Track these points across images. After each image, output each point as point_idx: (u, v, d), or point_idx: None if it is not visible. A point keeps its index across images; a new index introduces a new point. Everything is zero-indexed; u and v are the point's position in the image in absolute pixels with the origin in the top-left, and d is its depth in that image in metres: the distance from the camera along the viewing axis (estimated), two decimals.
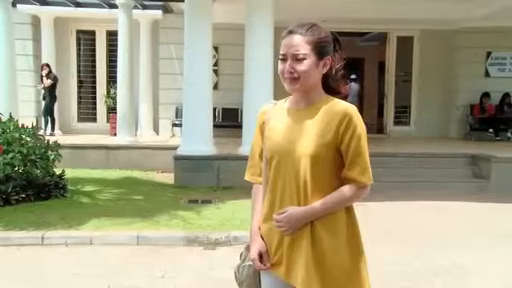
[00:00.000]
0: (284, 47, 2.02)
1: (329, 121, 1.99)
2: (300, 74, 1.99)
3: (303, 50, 1.98)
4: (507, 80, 12.88)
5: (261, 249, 2.10)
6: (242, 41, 11.74)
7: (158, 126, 13.06)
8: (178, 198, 7.74)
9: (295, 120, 2.06)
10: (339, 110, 1.99)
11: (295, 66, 1.99)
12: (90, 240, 5.55)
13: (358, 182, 1.98)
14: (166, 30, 12.86)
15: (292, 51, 1.99)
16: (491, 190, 8.55)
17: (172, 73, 12.76)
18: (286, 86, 2.05)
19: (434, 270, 4.81)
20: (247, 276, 2.18)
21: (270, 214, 2.09)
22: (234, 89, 12.15)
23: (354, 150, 1.97)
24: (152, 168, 10.29)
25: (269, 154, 2.10)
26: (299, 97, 2.08)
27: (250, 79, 9.01)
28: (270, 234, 2.09)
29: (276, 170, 2.06)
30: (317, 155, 1.97)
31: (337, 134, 1.97)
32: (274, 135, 2.09)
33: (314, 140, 1.98)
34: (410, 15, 11.88)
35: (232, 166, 8.83)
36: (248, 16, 9.02)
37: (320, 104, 2.04)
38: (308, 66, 1.98)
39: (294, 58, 1.99)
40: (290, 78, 2.01)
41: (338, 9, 11.32)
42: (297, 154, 2.00)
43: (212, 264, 4.99)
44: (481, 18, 11.88)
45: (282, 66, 2.03)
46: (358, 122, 1.98)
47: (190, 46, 8.86)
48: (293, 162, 2.01)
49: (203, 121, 8.88)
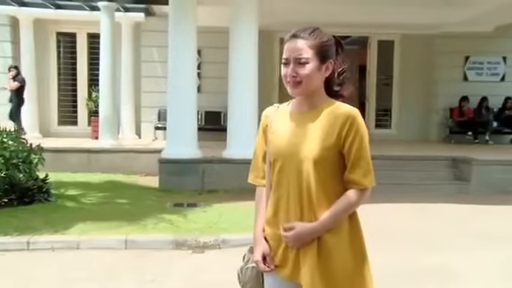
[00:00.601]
0: (287, 51, 2.04)
1: (331, 124, 2.01)
2: (302, 77, 2.00)
3: (306, 54, 2.00)
4: (484, 84, 13.14)
5: (264, 251, 2.12)
6: (225, 44, 11.76)
7: (140, 129, 12.98)
8: (163, 202, 7.71)
9: (298, 123, 2.08)
10: (342, 112, 2.02)
11: (298, 70, 2.00)
12: (76, 244, 5.50)
13: (360, 184, 2.01)
14: (149, 32, 12.79)
15: (295, 55, 2.01)
16: (472, 191, 8.71)
17: (154, 76, 12.69)
18: (288, 89, 2.06)
19: (420, 271, 4.88)
20: (250, 277, 2.19)
21: (274, 216, 2.11)
22: (216, 92, 12.18)
23: (356, 152, 1.99)
24: (135, 171, 10.23)
25: (272, 157, 2.11)
26: (302, 100, 2.10)
27: (235, 82, 9.02)
28: (274, 236, 2.11)
29: (280, 173, 2.08)
30: (320, 158, 1.99)
31: (339, 136, 1.99)
32: (278, 138, 2.11)
33: (317, 143, 2.00)
34: (390, 20, 12.04)
35: (217, 169, 8.86)
36: (232, 19, 9.04)
37: (322, 107, 2.06)
38: (310, 69, 2.00)
39: (296, 61, 2.01)
40: (292, 81, 2.02)
41: (320, 13, 11.39)
42: (300, 157, 2.01)
43: (202, 267, 5.00)
44: (459, 24, 12.11)
45: (284, 69, 2.05)
46: (360, 125, 2.01)
47: (175, 48, 8.84)
48: (296, 165, 2.02)
49: (188, 124, 8.86)
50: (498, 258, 5.40)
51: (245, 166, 8.72)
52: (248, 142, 8.89)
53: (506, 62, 13.35)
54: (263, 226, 2.18)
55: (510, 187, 8.77)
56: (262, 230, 2.18)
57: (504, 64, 13.35)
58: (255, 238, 2.18)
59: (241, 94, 8.96)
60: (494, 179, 8.85)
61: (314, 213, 2.01)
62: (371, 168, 2.03)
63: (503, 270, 5.06)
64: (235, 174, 8.72)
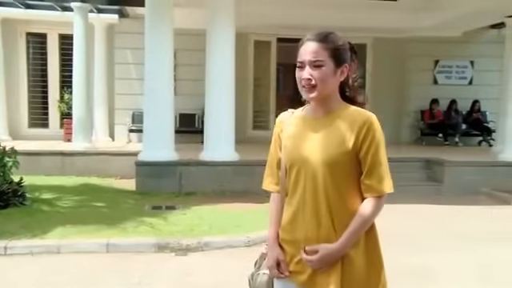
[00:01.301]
0: (301, 55, 2.02)
1: (348, 128, 1.99)
2: (317, 81, 1.98)
3: (321, 57, 1.98)
4: (453, 87, 13.48)
5: (279, 257, 2.11)
6: (200, 46, 11.75)
7: (113, 131, 12.83)
8: (140, 205, 7.65)
9: (314, 128, 2.06)
10: (359, 117, 2.00)
11: (313, 73, 1.98)
12: (57, 249, 5.42)
13: (376, 190, 1.99)
14: (122, 34, 12.67)
15: (310, 58, 1.99)
16: (445, 192, 8.93)
17: (128, 78, 12.58)
18: (303, 93, 2.05)
19: (400, 272, 4.96)
20: (260, 284, 2.18)
21: (291, 223, 2.09)
22: (191, 94, 12.16)
23: (373, 157, 1.98)
24: (110, 174, 10.11)
25: (288, 163, 2.09)
26: (317, 105, 2.08)
27: (212, 85, 9.02)
28: (290, 242, 2.10)
29: (296, 179, 2.07)
30: (337, 163, 1.98)
31: (356, 141, 1.98)
32: (293, 144, 2.09)
33: (333, 148, 1.99)
34: (362, 23, 12.22)
35: (194, 172, 8.85)
36: (210, 22, 9.04)
37: (339, 112, 2.05)
38: (326, 73, 1.98)
39: (311, 65, 1.99)
40: (307, 85, 2.00)
41: (294, 16, 11.52)
42: (317, 162, 2.00)
43: (187, 270, 4.99)
44: (429, 28, 12.38)
45: (299, 73, 2.02)
46: (377, 130, 1.99)
47: (151, 50, 8.78)
48: (313, 170, 2.01)
49: (164, 126, 8.81)
50: (474, 257, 5.56)
51: (222, 168, 8.85)
52: (225, 145, 8.97)
53: (473, 66, 13.74)
54: (278, 232, 2.16)
55: (481, 188, 9.02)
56: (276, 236, 2.15)
57: (471, 68, 13.73)
58: (269, 245, 2.17)
59: (218, 97, 8.97)
60: (465, 180, 9.10)
61: (331, 219, 2.00)
62: (388, 173, 2.01)
63: (480, 269, 5.20)
64: (213, 177, 8.78)
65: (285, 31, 13.03)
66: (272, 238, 2.16)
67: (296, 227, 2.07)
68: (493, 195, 8.83)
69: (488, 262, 5.41)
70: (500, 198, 8.66)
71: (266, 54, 13.54)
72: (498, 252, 5.76)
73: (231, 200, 8.07)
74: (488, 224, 7.16)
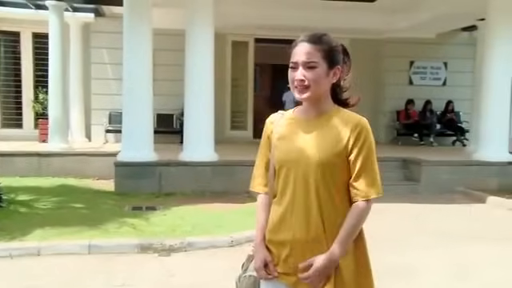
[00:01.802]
0: (295, 55, 2.02)
1: (339, 131, 2.01)
2: (310, 81, 1.98)
3: (315, 58, 1.99)
4: (428, 88, 13.74)
5: (266, 258, 2.10)
6: (177, 46, 11.71)
7: (89, 132, 12.68)
8: (120, 206, 7.58)
9: (306, 129, 2.07)
10: (350, 120, 2.02)
11: (306, 74, 1.98)
12: (37, 251, 5.33)
13: (365, 194, 2.00)
14: (98, 34, 12.55)
15: (303, 59, 1.99)
16: (422, 191, 9.09)
17: (105, 78, 12.46)
18: (295, 93, 2.04)
19: (383, 270, 5.03)
20: (247, 286, 2.18)
21: (279, 223, 2.09)
22: (168, 94, 12.11)
23: (363, 161, 1.99)
24: (87, 175, 9.99)
25: (278, 164, 2.09)
26: (309, 106, 2.08)
27: (191, 85, 9.00)
28: (279, 243, 2.09)
29: (286, 179, 2.06)
30: (328, 164, 1.99)
31: (348, 144, 1.99)
32: (284, 145, 2.09)
33: (326, 149, 2.00)
34: (340, 24, 12.32)
35: (173, 172, 8.82)
36: (188, 22, 9.02)
37: (331, 114, 2.06)
38: (319, 74, 1.99)
39: (305, 65, 1.99)
40: (300, 85, 2.00)
41: (271, 17, 11.58)
42: (308, 163, 2.00)
43: (171, 271, 4.96)
44: (404, 30, 12.60)
45: (292, 73, 2.02)
46: (368, 134, 2.02)
47: (130, 50, 8.71)
48: (304, 171, 2.01)
49: (143, 126, 8.75)
50: (453, 255, 5.68)
51: (202, 169, 8.84)
52: (205, 145, 8.96)
53: (446, 68, 14.01)
54: (265, 233, 2.15)
55: (456, 187, 9.20)
56: (263, 237, 2.15)
57: (445, 69, 14.00)
58: (256, 246, 2.16)
59: (197, 97, 8.96)
60: (441, 179, 9.27)
61: (322, 220, 2.01)
62: (378, 178, 2.03)
63: (459, 267, 5.31)
64: (193, 177, 8.76)
65: (262, 31, 13.10)
66: (259, 240, 2.15)
67: (284, 228, 2.07)
68: (468, 194, 9.01)
69: (466, 260, 5.52)
70: (475, 196, 8.85)
71: (244, 54, 13.57)
72: (475, 249, 5.90)
73: (211, 200, 8.06)
74: (465, 222, 7.31)
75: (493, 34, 9.68)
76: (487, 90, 9.72)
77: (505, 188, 9.24)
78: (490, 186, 9.26)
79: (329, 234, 2.00)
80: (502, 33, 9.56)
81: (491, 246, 6.00)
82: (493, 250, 5.86)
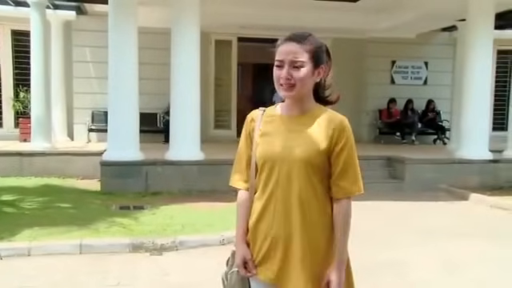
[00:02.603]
0: (281, 54, 2.05)
1: (323, 129, 2.05)
2: (297, 80, 2.02)
3: (301, 58, 2.02)
4: (409, 87, 13.92)
5: (246, 256, 2.14)
6: (161, 45, 11.69)
7: (72, 131, 12.52)
8: (107, 205, 7.53)
9: (289, 127, 2.10)
10: (332, 120, 2.07)
11: (293, 73, 2.02)
12: (27, 251, 5.27)
13: (349, 191, 2.06)
14: (80, 32, 12.39)
15: (290, 58, 2.03)
16: (406, 189, 9.22)
17: (87, 77, 12.33)
18: (281, 91, 2.08)
19: (372, 268, 5.11)
20: (236, 282, 2.20)
21: (259, 219, 2.12)
22: (152, 93, 12.05)
23: (346, 159, 2.04)
24: (71, 175, 9.90)
25: (261, 160, 2.11)
26: (292, 104, 2.11)
27: (177, 84, 8.99)
28: (259, 238, 2.12)
29: (268, 176, 2.09)
30: (312, 161, 2.03)
31: (330, 143, 2.04)
32: (267, 141, 2.11)
33: (310, 147, 2.03)
34: (323, 24, 12.41)
35: (160, 172, 8.78)
36: (174, 21, 9.00)
37: (313, 112, 2.10)
38: (305, 73, 2.03)
39: (291, 64, 2.02)
40: (286, 84, 2.03)
41: (255, 16, 11.62)
42: (292, 160, 2.04)
43: (165, 270, 4.96)
44: (386, 30, 12.74)
45: (278, 72, 2.06)
46: (349, 134, 2.07)
47: (115, 49, 8.64)
48: (287, 167, 2.04)
49: (129, 125, 8.70)
50: (442, 251, 5.78)
51: (189, 168, 8.86)
52: (191, 144, 8.95)
53: (427, 67, 14.21)
54: (246, 229, 2.18)
55: (440, 184, 9.37)
56: (243, 234, 2.18)
57: (426, 69, 14.20)
58: (236, 244, 2.19)
59: (183, 96, 8.95)
60: (425, 177, 9.43)
61: (303, 216, 2.04)
62: (359, 175, 2.10)
63: (447, 262, 5.42)
64: (179, 176, 8.75)
65: (245, 31, 13.11)
66: (239, 237, 2.18)
67: (264, 223, 2.11)
68: (451, 191, 9.18)
69: (454, 256, 5.63)
70: (457, 193, 9.02)
71: (227, 53, 13.56)
72: (462, 246, 6.02)
73: (198, 199, 8.05)
74: (450, 219, 7.44)
75: (473, 35, 9.86)
76: (468, 90, 9.89)
77: (485, 185, 9.45)
78: (472, 183, 9.46)
79: (308, 231, 2.05)
80: (482, 33, 9.75)
81: (477, 243, 6.13)
82: (479, 247, 5.99)
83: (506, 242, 6.25)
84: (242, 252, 2.15)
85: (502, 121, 14.25)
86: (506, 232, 6.83)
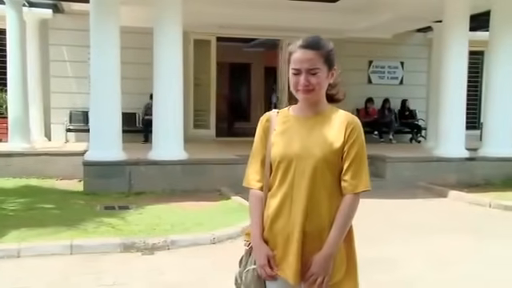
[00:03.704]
0: (298, 62, 2.12)
1: (336, 129, 2.15)
2: (315, 86, 2.12)
3: (317, 65, 2.11)
4: (386, 86, 14.16)
5: (268, 254, 2.16)
6: (141, 44, 11.63)
7: (49, 131, 12.32)
8: (91, 205, 7.45)
9: (305, 127, 2.18)
10: (345, 119, 2.17)
11: (310, 79, 2.11)
12: (17, 253, 5.19)
13: (358, 188, 2.14)
14: (57, 30, 12.21)
15: (307, 66, 2.11)
16: (388, 187, 9.35)
17: (64, 76, 12.16)
18: (299, 96, 2.17)
19: (361, 264, 5.19)
20: (252, 280, 2.22)
21: (277, 216, 2.16)
22: (131, 93, 11.89)
23: (354, 157, 2.13)
24: (50, 175, 9.75)
25: (277, 159, 2.17)
26: (307, 106, 2.20)
27: (159, 84, 8.94)
28: (278, 236, 2.17)
29: (284, 174, 2.15)
30: (327, 160, 2.11)
31: (343, 141, 2.13)
32: (283, 141, 2.18)
33: (326, 146, 2.12)
34: (302, 24, 12.50)
35: (143, 171, 8.73)
36: (157, 20, 8.95)
37: (326, 113, 2.20)
38: (322, 78, 2.13)
39: (309, 72, 2.11)
40: (305, 90, 2.12)
41: (234, 16, 11.66)
42: (308, 158, 2.11)
43: (159, 269, 4.96)
44: (363, 30, 12.94)
45: (295, 79, 2.14)
46: (360, 132, 2.17)
47: (97, 47, 8.56)
48: (303, 166, 2.11)
49: (112, 125, 8.61)
50: (427, 247, 5.93)
51: (172, 168, 8.84)
52: (174, 144, 8.93)
53: (403, 67, 14.48)
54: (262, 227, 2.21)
55: (419, 182, 9.57)
56: (261, 234, 2.20)
57: (402, 69, 14.47)
58: (255, 243, 2.20)
59: (166, 96, 8.90)
60: (405, 175, 9.62)
61: (319, 213, 2.12)
62: (367, 173, 2.19)
63: (436, 258, 5.55)
64: (162, 176, 8.72)
65: (224, 30, 13.13)
66: (258, 236, 2.20)
67: (280, 221, 2.15)
68: (430, 188, 9.38)
69: (439, 251, 5.79)
70: (437, 191, 9.23)
71: (206, 53, 13.55)
72: (445, 241, 6.18)
73: (183, 199, 8.03)
74: (431, 216, 7.63)
75: (449, 36, 10.10)
76: (445, 90, 10.13)
77: (462, 182, 9.68)
78: (449, 180, 9.68)
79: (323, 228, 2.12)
80: (458, 34, 9.99)
81: (460, 238, 6.30)
82: (462, 242, 6.15)
83: (487, 236, 6.43)
84: (264, 250, 2.17)
85: (473, 120, 14.63)
86: (485, 227, 7.02)
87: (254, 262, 2.22)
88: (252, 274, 2.22)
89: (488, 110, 10.59)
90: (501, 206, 8.15)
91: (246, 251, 2.29)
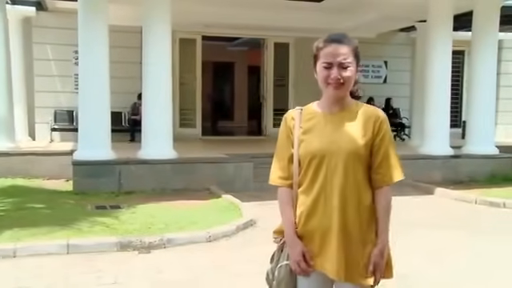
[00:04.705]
0: (330, 56, 2.17)
1: (364, 123, 2.19)
2: (346, 80, 2.16)
3: (349, 59, 2.17)
4: (370, 85, 14.29)
5: (303, 249, 2.19)
6: (128, 43, 11.60)
7: (33, 130, 12.17)
8: (82, 205, 7.39)
9: (332, 123, 2.21)
10: (372, 114, 2.23)
11: (342, 73, 2.15)
12: (13, 252, 5.14)
13: (391, 179, 2.20)
14: (41, 28, 12.10)
15: (339, 59, 2.15)
16: None
17: (49, 75, 12.05)
18: (330, 91, 2.19)
19: None
20: (285, 276, 2.26)
21: (312, 213, 2.20)
22: (117, 92, 11.78)
23: (385, 150, 2.19)
24: (36, 175, 9.64)
25: (308, 156, 2.19)
26: (334, 102, 2.23)
27: (149, 83, 8.92)
28: (314, 232, 2.20)
29: (316, 170, 2.18)
30: (357, 154, 2.16)
31: (372, 135, 2.18)
32: (313, 137, 2.21)
33: (356, 140, 2.16)
34: (286, 23, 12.62)
35: (133, 171, 8.69)
36: (145, 19, 8.93)
37: (352, 108, 2.24)
38: (352, 72, 2.18)
39: (340, 65, 2.15)
40: (336, 84, 2.16)
41: (219, 15, 11.69)
42: (339, 153, 2.15)
43: (157, 267, 4.96)
44: (348, 29, 13.01)
45: (326, 72, 2.17)
46: (387, 125, 2.23)
47: (85, 46, 8.50)
48: (335, 161, 2.15)
49: (101, 124, 8.57)
50: (418, 241, 6.06)
51: (162, 167, 8.85)
52: (163, 143, 8.91)
53: (387, 66, 14.67)
54: (295, 224, 2.24)
55: (405, 179, 9.55)
56: (294, 230, 2.23)
57: (385, 68, 14.65)
58: (289, 240, 2.23)
59: (155, 95, 8.89)
60: None
61: (353, 208, 2.16)
62: (399, 162, 2.24)
63: (427, 251, 5.68)
64: (152, 175, 8.70)
65: (210, 29, 13.13)
66: (291, 233, 2.23)
67: (316, 217, 2.19)
68: (417, 186, 9.51)
69: (430, 246, 5.91)
70: (423, 188, 9.38)
71: (192, 51, 13.54)
72: (435, 236, 6.31)
73: (173, 198, 8.02)
74: (420, 212, 7.77)
75: (434, 35, 10.29)
76: (430, 89, 10.32)
77: (448, 180, 9.87)
78: (435, 178, 9.87)
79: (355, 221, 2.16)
80: (443, 34, 10.19)
81: (449, 233, 6.44)
82: (451, 237, 6.29)
83: (475, 232, 6.56)
84: (299, 246, 2.19)
85: (455, 118, 14.87)
86: (473, 223, 7.18)
87: (286, 257, 2.26)
88: (285, 270, 2.25)
89: (471, 109, 10.81)
90: (486, 203, 8.34)
91: (278, 247, 2.32)
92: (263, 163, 9.57)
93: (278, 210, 2.29)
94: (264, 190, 9.16)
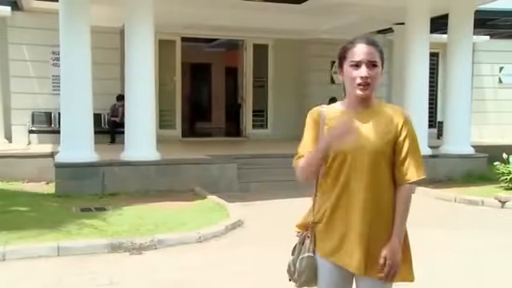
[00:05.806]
0: (359, 54, 2.22)
1: (388, 121, 2.25)
2: (373, 79, 2.21)
3: (376, 58, 2.23)
4: None
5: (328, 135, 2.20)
6: (108, 44, 11.48)
7: (10, 132, 11.94)
8: (67, 207, 7.32)
9: (357, 121, 2.23)
10: (396, 112, 2.29)
11: (370, 72, 2.20)
12: (2, 256, 5.06)
13: (414, 177, 2.24)
14: (17, 29, 11.86)
15: (369, 58, 2.21)
16: None
17: (26, 76, 11.83)
18: (357, 90, 2.23)
19: None
20: (306, 266, 2.31)
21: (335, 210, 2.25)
22: (97, 93, 11.66)
23: (409, 148, 2.24)
24: (15, 178, 9.50)
25: (333, 153, 2.22)
26: (359, 101, 2.28)
27: (132, 84, 8.87)
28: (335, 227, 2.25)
29: (340, 167, 2.23)
30: (383, 151, 2.22)
31: (395, 133, 2.24)
32: None
33: (380, 138, 2.22)
34: (266, 25, 12.70)
35: (117, 172, 8.63)
36: (128, 20, 8.89)
37: (375, 107, 2.30)
38: (378, 72, 2.24)
39: (369, 64, 2.20)
40: (364, 82, 2.20)
41: (199, 16, 11.70)
42: (363, 151, 2.20)
43: (151, 267, 4.96)
44: (326, 31, 13.24)
45: (355, 71, 2.22)
46: (411, 124, 2.29)
47: (67, 47, 8.41)
48: (359, 158, 2.20)
49: (83, 126, 8.48)
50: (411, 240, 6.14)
51: (146, 168, 8.83)
52: (147, 144, 8.87)
53: None
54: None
55: None
56: None
57: None
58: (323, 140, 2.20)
59: (138, 97, 8.85)
60: None
61: (377, 204, 2.21)
62: (421, 162, 2.28)
63: (423, 248, 5.74)
64: (136, 176, 8.65)
65: (189, 30, 13.12)
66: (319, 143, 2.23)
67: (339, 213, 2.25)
68: None
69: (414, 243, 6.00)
70: None
71: (171, 53, 13.50)
72: (420, 234, 6.31)
73: (158, 199, 7.99)
74: None
75: (412, 37, 10.48)
76: (408, 90, 10.50)
77: (426, 179, 9.77)
78: None
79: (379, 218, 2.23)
80: (420, 36, 10.39)
81: (432, 231, 6.54)
82: (434, 234, 6.40)
83: (456, 229, 6.74)
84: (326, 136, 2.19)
85: (430, 119, 15.13)
86: (454, 220, 7.38)
87: (307, 249, 2.32)
88: (306, 262, 2.31)
89: (448, 110, 11.05)
90: (465, 201, 8.57)
91: (300, 240, 2.37)
92: (246, 164, 9.65)
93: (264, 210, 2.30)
94: (248, 190, 9.23)
